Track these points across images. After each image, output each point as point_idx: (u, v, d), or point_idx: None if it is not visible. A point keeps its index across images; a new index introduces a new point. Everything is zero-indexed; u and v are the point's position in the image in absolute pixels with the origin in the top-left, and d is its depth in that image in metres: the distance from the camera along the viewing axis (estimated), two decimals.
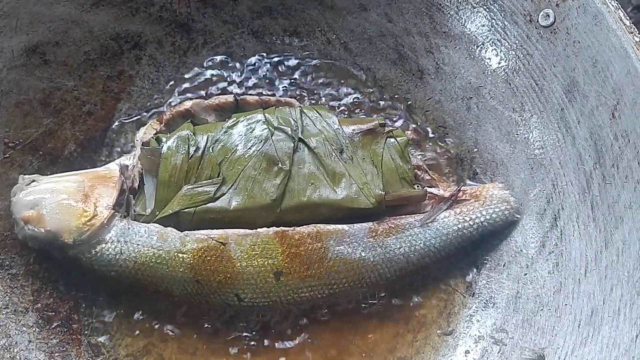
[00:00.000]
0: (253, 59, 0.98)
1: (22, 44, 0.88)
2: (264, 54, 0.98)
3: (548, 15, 0.83)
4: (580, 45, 0.81)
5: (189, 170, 0.81)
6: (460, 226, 0.84)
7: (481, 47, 0.91)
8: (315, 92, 0.96)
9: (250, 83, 0.96)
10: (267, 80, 0.97)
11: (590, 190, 0.79)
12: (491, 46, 0.90)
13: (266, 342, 0.83)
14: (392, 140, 0.86)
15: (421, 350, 0.83)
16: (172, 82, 0.96)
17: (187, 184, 0.81)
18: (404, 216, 0.84)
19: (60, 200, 0.79)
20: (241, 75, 0.97)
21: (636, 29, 0.75)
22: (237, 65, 0.97)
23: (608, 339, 0.71)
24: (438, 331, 0.84)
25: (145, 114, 0.94)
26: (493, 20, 0.89)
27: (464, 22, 0.91)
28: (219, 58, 0.97)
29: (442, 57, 0.94)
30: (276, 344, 0.83)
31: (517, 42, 0.87)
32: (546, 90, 0.85)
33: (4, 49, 0.86)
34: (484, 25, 0.90)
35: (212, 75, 0.96)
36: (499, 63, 0.89)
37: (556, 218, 0.82)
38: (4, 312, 0.81)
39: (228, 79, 0.96)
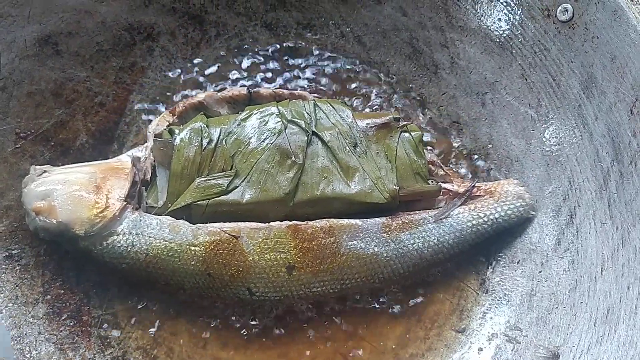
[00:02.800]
0: (266, 53, 0.97)
1: (35, 34, 0.87)
2: (277, 47, 0.97)
3: (566, 10, 0.82)
4: (598, 41, 0.80)
5: (201, 162, 0.81)
6: (474, 222, 0.83)
7: (497, 42, 0.90)
8: (328, 87, 0.96)
9: (263, 76, 0.96)
10: (280, 74, 0.96)
11: (607, 188, 0.78)
12: (508, 41, 0.89)
13: (276, 337, 0.82)
14: (407, 134, 0.85)
15: (433, 347, 0.82)
16: (184, 74, 0.95)
17: (200, 176, 0.80)
18: (417, 212, 0.84)
19: (71, 191, 0.78)
20: (253, 69, 0.96)
21: None
22: (250, 58, 0.96)
23: (625, 337, 0.70)
24: (451, 328, 0.83)
25: (157, 106, 0.93)
26: (510, 15, 0.88)
27: (480, 17, 0.90)
28: (232, 51, 0.96)
29: (457, 51, 0.93)
30: (286, 339, 0.82)
31: (534, 37, 0.86)
32: (563, 86, 0.84)
33: (17, 38, 0.86)
34: (500, 20, 0.89)
35: (225, 67, 0.96)
36: (515, 58, 0.88)
37: (572, 215, 0.81)
38: (13, 303, 0.81)
39: (240, 72, 0.95)
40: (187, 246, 0.77)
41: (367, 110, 0.94)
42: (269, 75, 0.96)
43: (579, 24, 0.82)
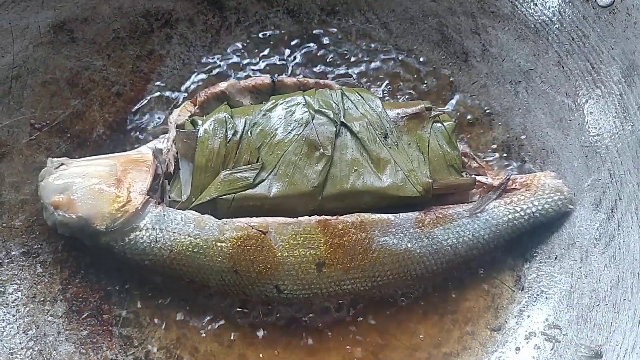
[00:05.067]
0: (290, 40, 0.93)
1: (49, 20, 0.84)
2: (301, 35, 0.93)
3: None
4: None
5: (226, 154, 0.77)
6: (510, 217, 0.80)
7: (532, 28, 0.86)
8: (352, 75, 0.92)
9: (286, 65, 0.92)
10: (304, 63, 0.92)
11: None
12: (543, 27, 0.85)
13: (305, 335, 0.79)
14: (439, 125, 0.82)
15: (468, 346, 0.79)
16: (204, 63, 0.91)
17: (225, 169, 0.77)
18: (451, 206, 0.80)
19: (91, 184, 0.75)
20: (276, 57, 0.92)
21: None
22: (272, 46, 0.93)
23: None
24: (486, 327, 0.80)
25: (176, 95, 0.90)
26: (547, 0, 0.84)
27: (514, 1, 0.86)
28: (253, 38, 0.93)
29: (489, 38, 0.89)
30: (315, 337, 0.79)
31: (572, 22, 0.83)
32: (603, 73, 0.81)
33: (30, 24, 0.82)
34: (536, 5, 0.85)
35: (247, 56, 0.92)
36: (552, 45, 0.85)
37: (613, 209, 0.78)
38: (31, 302, 0.77)
39: (263, 60, 0.92)
40: (213, 242, 0.74)
41: (398, 99, 0.91)
42: (293, 63, 0.92)
43: (620, 9, 0.78)
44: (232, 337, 0.79)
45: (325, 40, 0.93)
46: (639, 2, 0.76)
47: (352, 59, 0.92)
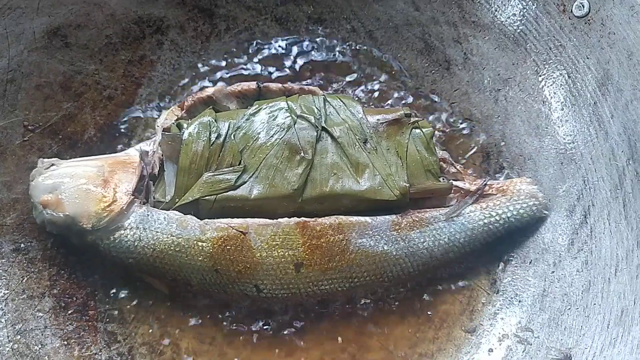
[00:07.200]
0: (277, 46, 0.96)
1: (44, 26, 0.86)
2: (288, 41, 0.96)
3: (582, 5, 0.81)
4: (615, 37, 0.78)
5: (210, 157, 0.80)
6: (486, 221, 0.82)
7: (511, 38, 0.88)
8: (338, 82, 0.94)
9: (272, 71, 0.95)
10: (290, 69, 0.95)
11: (622, 187, 0.76)
12: (522, 36, 0.87)
13: (284, 335, 0.81)
14: (418, 131, 0.84)
15: (443, 347, 0.81)
16: (193, 68, 0.94)
17: (208, 171, 0.80)
18: (428, 210, 0.82)
19: (79, 184, 0.78)
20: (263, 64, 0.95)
21: None
22: (260, 52, 0.95)
23: (639, 339, 0.69)
24: (460, 328, 0.82)
25: (165, 99, 0.92)
26: (525, 10, 0.86)
27: (494, 12, 0.89)
28: (242, 44, 0.95)
29: (470, 47, 0.91)
30: (294, 337, 0.81)
31: (549, 32, 0.85)
32: (579, 82, 0.83)
33: (25, 30, 0.85)
34: (515, 15, 0.87)
35: (235, 62, 0.95)
36: (530, 54, 0.87)
37: (586, 215, 0.80)
38: (20, 297, 0.80)
39: (250, 66, 0.95)
40: (195, 242, 0.77)
41: (378, 106, 0.93)
42: (279, 70, 0.94)
43: (595, 20, 0.80)
44: (213, 335, 0.81)
45: (312, 47, 0.95)
46: (613, 13, 0.78)
47: (337, 66, 0.94)
